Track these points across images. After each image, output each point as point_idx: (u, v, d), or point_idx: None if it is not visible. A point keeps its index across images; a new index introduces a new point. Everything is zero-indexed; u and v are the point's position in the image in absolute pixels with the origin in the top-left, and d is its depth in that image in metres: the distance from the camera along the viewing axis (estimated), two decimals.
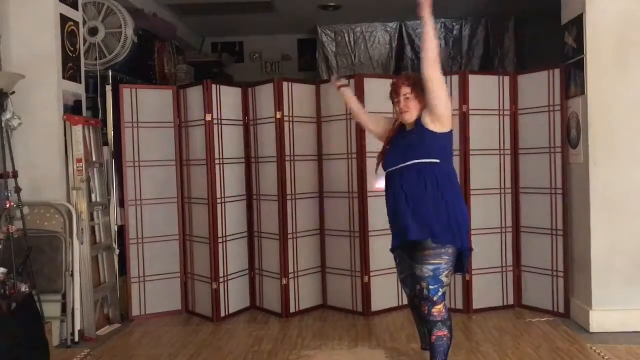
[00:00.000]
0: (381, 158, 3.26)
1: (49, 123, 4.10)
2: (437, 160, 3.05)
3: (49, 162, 4.10)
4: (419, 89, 3.07)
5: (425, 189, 3.03)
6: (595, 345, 3.70)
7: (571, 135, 4.22)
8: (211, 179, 4.39)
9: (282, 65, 8.33)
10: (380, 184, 3.53)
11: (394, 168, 3.14)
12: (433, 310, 3.03)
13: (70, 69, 4.29)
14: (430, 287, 3.02)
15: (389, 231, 3.32)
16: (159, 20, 6.15)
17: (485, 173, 4.47)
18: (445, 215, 3.04)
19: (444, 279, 3.05)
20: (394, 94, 3.18)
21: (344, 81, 3.72)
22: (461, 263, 3.20)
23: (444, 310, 3.05)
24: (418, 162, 3.05)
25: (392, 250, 3.34)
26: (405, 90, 3.12)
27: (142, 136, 4.55)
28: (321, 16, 7.19)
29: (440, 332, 3.04)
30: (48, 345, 3.45)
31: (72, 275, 3.97)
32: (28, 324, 3.33)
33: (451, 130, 3.11)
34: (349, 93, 3.66)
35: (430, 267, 3.03)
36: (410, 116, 3.13)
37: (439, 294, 3.03)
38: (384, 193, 3.29)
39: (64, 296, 3.94)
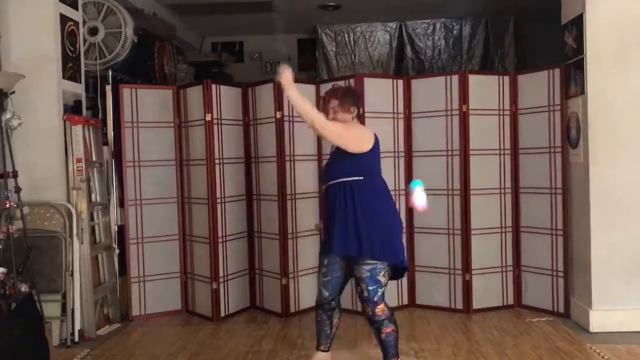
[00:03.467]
0: (324, 170, 3.30)
1: (49, 123, 4.10)
2: (360, 178, 3.08)
3: (49, 162, 4.10)
4: (347, 102, 3.16)
5: (345, 205, 3.06)
6: (595, 345, 3.70)
7: (571, 135, 4.22)
8: (211, 179, 4.39)
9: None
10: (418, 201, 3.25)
11: (329, 183, 3.18)
12: (376, 310, 3.08)
13: (70, 69, 4.29)
14: (370, 288, 3.07)
15: None
16: (159, 20, 6.15)
17: (485, 173, 4.47)
18: (361, 229, 3.04)
19: (381, 279, 3.08)
20: (323, 106, 3.23)
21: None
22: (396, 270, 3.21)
23: (386, 308, 3.11)
24: (341, 181, 3.09)
25: (323, 254, 3.27)
26: (334, 103, 3.18)
27: (142, 136, 4.55)
28: (321, 16, 7.19)
29: (388, 329, 3.12)
30: (48, 345, 3.45)
31: (72, 275, 3.97)
32: (28, 324, 3.32)
33: (372, 149, 3.11)
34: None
35: (367, 267, 3.06)
36: None
37: (379, 294, 3.08)
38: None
39: (64, 296, 3.94)
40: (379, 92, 4.47)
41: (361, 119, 3.28)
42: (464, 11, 7.22)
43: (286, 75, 3.01)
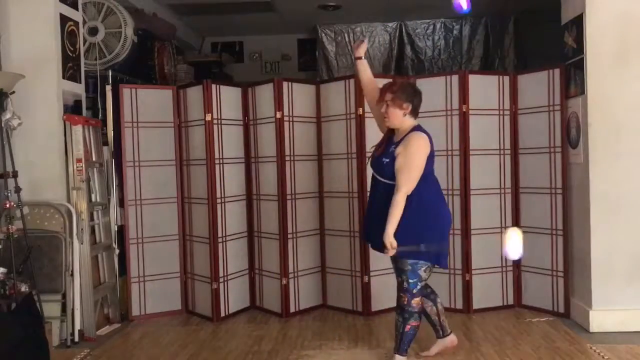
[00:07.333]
0: (372, 158, 3.40)
1: (49, 123, 4.10)
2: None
3: (49, 162, 4.10)
4: (400, 97, 3.21)
5: (385, 206, 3.18)
6: (595, 345, 3.70)
7: (571, 135, 4.22)
8: (211, 179, 4.39)
9: (282, 65, 8.33)
10: None
11: (373, 174, 3.35)
12: (412, 302, 3.26)
13: (70, 69, 4.29)
14: (410, 280, 3.24)
15: None
16: (159, 20, 6.15)
17: (485, 173, 4.47)
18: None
19: (422, 274, 3.25)
20: (380, 99, 3.31)
21: (361, 50, 3.51)
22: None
23: (421, 303, 3.32)
24: (385, 182, 3.23)
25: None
26: (388, 96, 3.24)
27: (142, 136, 4.55)
28: (321, 16, 7.19)
29: (415, 323, 3.31)
30: (48, 345, 3.45)
31: (72, 275, 3.98)
32: (28, 324, 3.32)
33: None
34: (363, 66, 3.53)
35: (410, 261, 3.23)
36: (391, 123, 3.28)
37: (418, 287, 3.25)
38: None
39: (64, 296, 3.94)
40: None
41: (416, 115, 3.29)
42: None
43: (390, 245, 3.15)
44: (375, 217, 3.28)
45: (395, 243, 3.13)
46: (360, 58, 3.53)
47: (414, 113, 3.26)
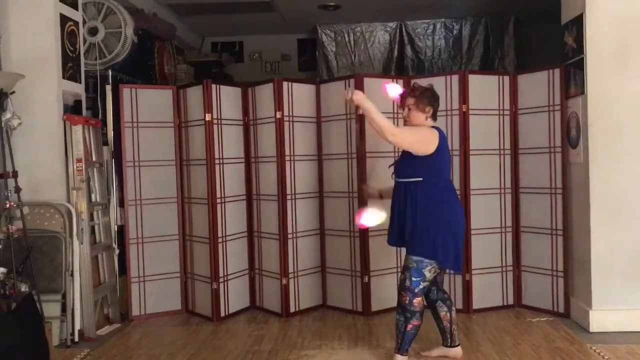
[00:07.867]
0: (395, 166, 3.46)
1: (49, 123, 4.10)
2: (419, 179, 3.26)
3: (49, 162, 4.10)
4: (422, 102, 3.32)
5: (406, 205, 3.28)
6: (595, 345, 3.70)
7: (571, 135, 4.22)
8: (211, 179, 4.39)
9: (282, 65, 8.33)
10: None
11: (397, 180, 3.40)
12: (414, 301, 3.26)
13: (70, 69, 4.29)
14: (413, 278, 3.24)
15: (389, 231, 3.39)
16: (159, 20, 6.15)
17: (485, 173, 4.47)
18: (421, 231, 3.24)
19: (426, 273, 3.25)
20: (401, 103, 3.44)
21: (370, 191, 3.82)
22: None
23: (422, 302, 3.33)
24: (406, 181, 3.30)
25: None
26: (410, 101, 3.36)
27: (142, 136, 4.55)
28: (321, 16, 7.19)
29: (416, 322, 3.30)
30: (48, 345, 3.45)
31: (72, 275, 3.98)
32: (28, 324, 3.32)
33: (436, 151, 3.27)
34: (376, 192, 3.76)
35: (415, 258, 3.25)
36: (412, 125, 3.38)
37: (420, 287, 3.26)
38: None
39: (64, 296, 3.94)
40: (379, 93, 4.46)
41: (435, 118, 3.43)
42: (464, 11, 7.22)
43: (358, 94, 3.24)
44: (398, 218, 3.33)
45: (357, 96, 3.21)
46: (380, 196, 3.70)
47: (434, 116, 3.40)
